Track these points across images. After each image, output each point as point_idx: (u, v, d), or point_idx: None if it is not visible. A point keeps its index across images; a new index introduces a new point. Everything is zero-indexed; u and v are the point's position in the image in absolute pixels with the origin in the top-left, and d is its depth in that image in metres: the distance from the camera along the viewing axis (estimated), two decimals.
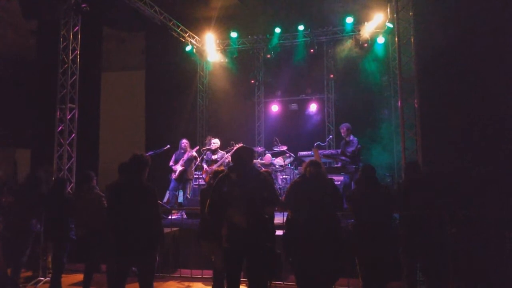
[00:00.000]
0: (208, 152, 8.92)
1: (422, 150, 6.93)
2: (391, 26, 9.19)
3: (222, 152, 8.84)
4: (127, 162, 4.15)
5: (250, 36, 11.56)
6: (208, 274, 5.60)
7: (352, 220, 4.76)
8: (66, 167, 7.53)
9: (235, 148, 5.13)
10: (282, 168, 9.52)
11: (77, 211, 5.22)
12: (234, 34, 11.45)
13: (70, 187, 7.30)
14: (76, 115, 7.79)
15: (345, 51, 11.09)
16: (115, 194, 4.05)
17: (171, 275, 6.28)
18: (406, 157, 7.05)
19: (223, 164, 8.42)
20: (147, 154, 4.52)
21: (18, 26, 10.50)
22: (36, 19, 10.37)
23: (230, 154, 8.36)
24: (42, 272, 6.24)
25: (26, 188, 5.59)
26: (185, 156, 8.65)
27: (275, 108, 12.38)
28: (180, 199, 8.99)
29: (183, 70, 11.81)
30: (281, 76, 11.96)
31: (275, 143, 9.64)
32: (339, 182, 7.88)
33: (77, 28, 7.83)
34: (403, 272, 4.46)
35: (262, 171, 4.80)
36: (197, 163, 9.04)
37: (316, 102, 11.95)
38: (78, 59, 7.87)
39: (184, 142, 8.82)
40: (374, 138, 9.80)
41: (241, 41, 11.72)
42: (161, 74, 11.40)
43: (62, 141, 7.57)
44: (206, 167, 8.77)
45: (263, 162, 9.49)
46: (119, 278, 3.92)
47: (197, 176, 9.35)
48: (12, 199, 5.55)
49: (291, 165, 9.51)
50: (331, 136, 10.80)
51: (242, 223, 3.65)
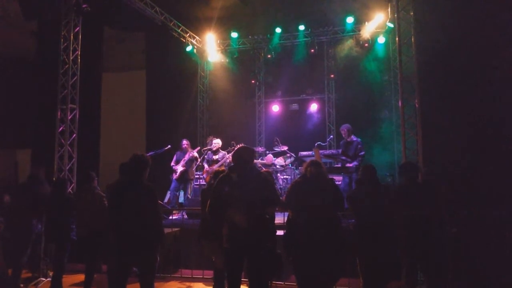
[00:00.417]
0: (209, 152, 8.93)
1: (422, 150, 6.93)
2: (391, 26, 9.19)
3: (223, 152, 8.84)
4: (127, 162, 4.16)
5: (250, 36, 11.56)
6: (209, 274, 5.60)
7: (353, 220, 4.76)
8: (67, 168, 7.54)
9: (236, 148, 5.13)
10: (283, 168, 9.52)
11: (78, 211, 5.23)
12: (234, 34, 11.45)
13: (71, 188, 7.31)
14: (77, 116, 7.79)
15: (345, 51, 11.08)
16: (116, 194, 4.06)
17: (172, 275, 6.28)
18: (406, 156, 7.05)
19: (224, 164, 8.43)
20: (147, 154, 4.53)
21: (19, 27, 10.49)
22: (37, 19, 10.37)
23: (231, 155, 8.36)
24: (43, 273, 6.26)
25: (26, 188, 5.60)
26: (186, 157, 8.66)
27: (275, 108, 12.38)
28: (181, 199, 9.00)
29: (183, 70, 11.82)
30: (281, 76, 11.95)
31: (276, 143, 9.63)
32: (340, 182, 7.88)
33: (77, 28, 7.83)
34: (403, 272, 4.45)
35: (262, 171, 4.80)
36: (198, 163, 9.05)
37: (317, 102, 11.94)
38: (79, 60, 7.88)
39: (184, 143, 8.84)
40: (375, 137, 9.79)
41: (241, 41, 11.72)
42: (161, 74, 11.40)
43: (63, 141, 7.58)
44: (207, 167, 8.78)
45: (265, 162, 9.49)
46: (120, 278, 3.93)
47: (198, 176, 9.36)
48: (12, 200, 5.56)
49: (291, 165, 9.51)
50: (331, 136, 10.79)
51: (242, 223, 3.65)
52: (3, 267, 5.36)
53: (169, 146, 8.79)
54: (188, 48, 11.29)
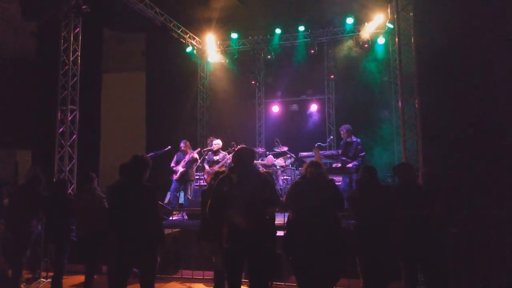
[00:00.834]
0: (210, 153, 8.93)
1: (422, 150, 6.93)
2: (391, 26, 9.20)
3: (224, 152, 8.84)
4: (128, 163, 4.16)
5: (250, 37, 11.58)
6: (209, 275, 5.60)
7: (353, 221, 4.75)
8: (67, 169, 7.54)
9: (236, 149, 5.13)
10: (283, 169, 9.52)
11: (78, 212, 5.23)
12: (234, 35, 11.47)
13: (71, 188, 7.32)
14: (77, 116, 7.80)
15: (345, 52, 11.10)
16: (116, 195, 4.06)
17: (172, 276, 6.28)
18: (406, 157, 7.05)
19: (225, 165, 8.43)
20: (148, 155, 4.53)
21: (19, 28, 10.51)
22: (37, 20, 10.38)
23: (231, 155, 8.36)
24: (43, 273, 6.25)
25: (25, 189, 5.59)
26: (186, 158, 8.67)
27: (275, 108, 12.39)
28: (181, 200, 9.01)
29: (183, 71, 11.83)
30: (281, 77, 11.96)
31: (276, 143, 9.64)
32: (340, 183, 7.88)
33: (78, 29, 7.84)
34: (403, 273, 4.45)
35: (263, 171, 4.80)
36: (198, 164, 9.05)
37: (317, 102, 11.95)
38: (79, 61, 7.88)
39: (182, 145, 8.85)
40: (375, 138, 9.80)
41: (241, 42, 11.74)
42: (161, 75, 11.42)
43: (63, 142, 7.58)
44: (207, 167, 8.78)
45: (265, 163, 9.49)
46: (120, 279, 3.92)
47: (198, 177, 9.36)
48: (12, 200, 5.55)
49: (292, 165, 9.51)
50: (331, 136, 10.79)
51: (242, 223, 3.65)
52: (4, 268, 5.36)
53: (169, 147, 8.80)
54: (188, 49, 11.30)
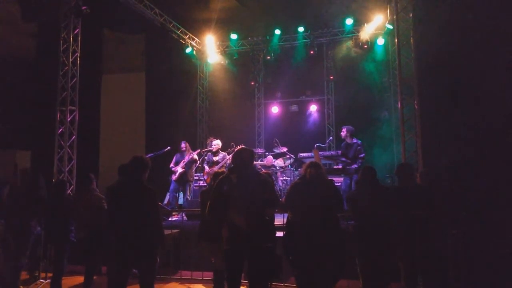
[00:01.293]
0: (209, 153, 8.93)
1: (422, 151, 6.93)
2: (390, 27, 9.20)
3: (224, 153, 8.83)
4: (127, 164, 4.16)
5: (250, 38, 11.59)
6: (209, 275, 5.59)
7: (352, 222, 4.75)
8: (67, 169, 7.54)
9: (236, 149, 5.13)
10: (283, 170, 9.52)
11: (77, 213, 5.23)
12: (234, 36, 11.48)
13: (70, 189, 7.31)
14: (77, 117, 7.80)
15: (345, 53, 11.10)
16: (115, 196, 4.06)
17: (172, 276, 6.27)
18: (406, 158, 7.05)
19: (225, 165, 8.43)
20: (147, 156, 4.53)
21: (19, 28, 10.50)
22: (36, 21, 10.38)
23: (231, 156, 8.36)
24: (42, 274, 6.24)
25: (25, 189, 5.58)
26: (185, 158, 8.66)
27: (275, 109, 12.40)
28: (181, 200, 9.00)
29: (183, 72, 11.83)
30: (281, 78, 11.97)
31: (276, 144, 9.64)
32: (340, 184, 7.88)
33: (77, 30, 7.85)
34: (403, 274, 4.45)
35: (262, 172, 4.81)
36: (197, 165, 9.04)
37: (316, 103, 11.96)
38: (79, 61, 7.88)
39: (183, 146, 8.85)
40: (374, 139, 9.79)
41: (241, 42, 11.74)
42: (161, 76, 11.41)
43: (62, 143, 7.58)
44: (207, 168, 8.77)
45: (264, 164, 9.49)
46: (120, 280, 3.92)
47: (197, 177, 9.36)
48: (12, 201, 5.54)
49: (291, 166, 9.51)
50: (331, 137, 10.79)
51: (242, 224, 3.65)
52: (3, 269, 5.35)
53: (168, 148, 8.80)
54: (188, 50, 11.32)
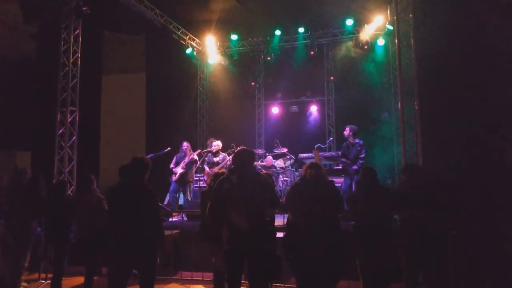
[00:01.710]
0: (210, 154, 8.93)
1: (422, 152, 6.93)
2: (391, 28, 9.20)
3: (224, 154, 8.84)
4: (127, 164, 4.16)
5: (250, 39, 11.59)
6: (209, 276, 5.59)
7: (353, 222, 4.76)
8: (67, 170, 7.55)
9: (236, 150, 5.14)
10: (283, 170, 9.53)
11: (77, 213, 5.23)
12: (234, 37, 11.48)
13: (71, 190, 7.31)
14: (77, 118, 7.81)
15: (345, 53, 11.10)
16: (116, 197, 4.06)
17: (172, 277, 6.27)
18: (406, 159, 7.05)
19: (225, 166, 8.43)
20: (147, 157, 4.53)
21: (19, 29, 10.51)
22: (37, 22, 10.38)
23: (231, 156, 8.36)
24: (43, 275, 6.24)
25: (25, 190, 5.58)
26: (186, 159, 8.66)
27: (275, 110, 12.40)
28: (181, 201, 9.00)
29: (183, 72, 11.83)
30: (281, 78, 11.96)
31: (276, 145, 9.65)
32: (340, 184, 7.89)
33: (78, 31, 7.85)
34: (403, 274, 4.45)
35: (262, 173, 4.81)
36: (197, 166, 9.04)
37: (317, 104, 11.96)
38: (79, 62, 7.89)
39: (185, 146, 8.84)
40: (375, 140, 9.79)
41: (241, 43, 11.75)
42: (161, 77, 11.41)
43: (63, 143, 7.59)
44: (207, 169, 8.77)
45: (264, 164, 9.50)
46: (120, 281, 3.92)
47: (197, 178, 9.36)
48: (12, 202, 5.55)
49: (291, 167, 9.52)
50: (331, 138, 10.80)
51: (243, 225, 3.65)
52: (3, 270, 5.36)
53: (169, 148, 8.80)
54: (188, 51, 11.33)
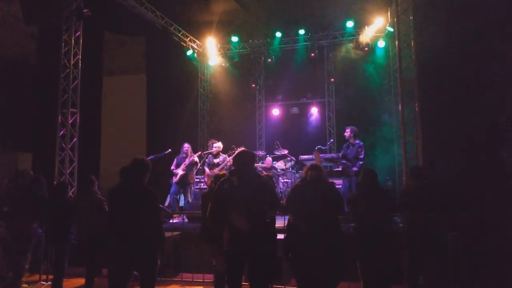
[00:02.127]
0: (210, 155, 8.93)
1: (422, 154, 6.93)
2: (391, 30, 9.22)
3: (224, 155, 8.83)
4: (128, 166, 4.16)
5: (250, 40, 11.60)
6: (210, 278, 5.60)
7: (353, 224, 4.76)
8: (68, 171, 7.55)
9: (236, 152, 5.14)
10: (283, 172, 9.53)
11: (78, 215, 5.24)
12: (235, 39, 11.51)
13: (71, 191, 7.32)
14: (78, 119, 7.82)
15: (345, 55, 11.12)
16: (116, 198, 4.06)
17: (173, 279, 6.27)
18: (406, 160, 7.05)
19: (225, 167, 8.43)
20: (148, 158, 4.54)
21: (20, 31, 10.54)
22: (38, 24, 10.41)
23: (232, 158, 8.35)
24: (43, 276, 6.24)
25: (26, 191, 5.59)
26: (186, 161, 8.66)
27: (276, 112, 12.41)
28: (182, 203, 8.99)
29: (184, 74, 11.84)
30: (282, 80, 11.98)
31: (276, 147, 9.65)
32: (340, 186, 7.89)
33: (78, 33, 7.87)
34: (404, 276, 4.45)
35: (263, 175, 4.82)
36: (198, 167, 9.04)
37: (317, 106, 11.98)
38: (80, 64, 7.90)
39: (186, 147, 8.84)
40: (375, 141, 9.79)
41: (242, 45, 11.77)
42: (162, 78, 11.42)
43: (63, 145, 7.60)
44: (208, 170, 8.77)
45: (264, 166, 9.50)
46: (121, 282, 3.92)
47: (198, 180, 9.35)
48: (13, 203, 5.56)
49: (292, 168, 9.52)
50: (332, 139, 10.80)
51: (243, 226, 3.65)
52: (4, 271, 5.37)
53: (169, 150, 8.79)
54: (189, 52, 11.34)
